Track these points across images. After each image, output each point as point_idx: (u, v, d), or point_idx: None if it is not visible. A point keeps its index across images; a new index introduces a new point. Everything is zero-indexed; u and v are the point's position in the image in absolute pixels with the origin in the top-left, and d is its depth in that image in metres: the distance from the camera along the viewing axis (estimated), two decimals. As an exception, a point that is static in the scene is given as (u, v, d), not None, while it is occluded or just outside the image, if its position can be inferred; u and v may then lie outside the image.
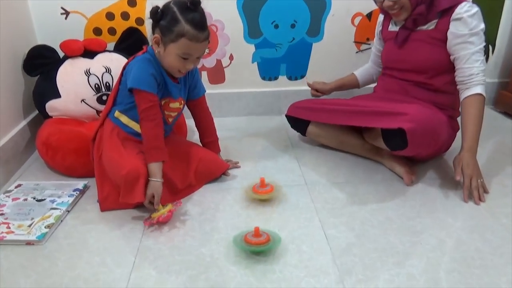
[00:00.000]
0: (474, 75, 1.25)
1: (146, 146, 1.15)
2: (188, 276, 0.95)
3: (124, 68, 1.22)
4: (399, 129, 1.17)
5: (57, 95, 1.45)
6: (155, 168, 1.14)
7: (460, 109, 1.31)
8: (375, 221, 1.14)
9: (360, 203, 1.23)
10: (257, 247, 0.99)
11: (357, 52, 1.85)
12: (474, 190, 1.20)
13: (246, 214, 1.19)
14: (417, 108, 1.22)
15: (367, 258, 1.00)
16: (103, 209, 1.20)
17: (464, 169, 1.20)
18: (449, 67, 1.31)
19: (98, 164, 1.23)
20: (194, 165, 1.30)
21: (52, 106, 1.46)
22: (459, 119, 1.39)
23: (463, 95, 1.28)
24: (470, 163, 1.20)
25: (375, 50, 1.58)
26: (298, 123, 1.58)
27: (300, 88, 1.85)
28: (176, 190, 1.24)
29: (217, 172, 1.35)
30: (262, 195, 1.22)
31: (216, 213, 1.19)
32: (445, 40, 1.28)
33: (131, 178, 1.12)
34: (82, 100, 1.46)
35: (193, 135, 1.58)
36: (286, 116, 1.60)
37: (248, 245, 1.00)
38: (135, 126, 1.22)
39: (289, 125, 1.62)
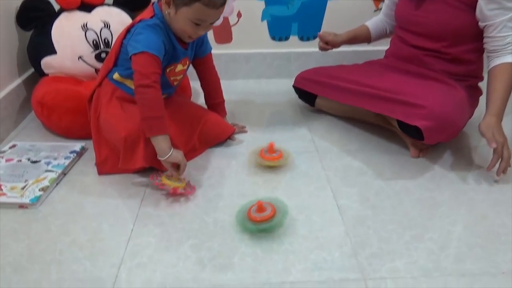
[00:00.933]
0: (510, 43, 1.12)
1: (151, 115, 1.01)
2: (190, 245, 0.89)
3: (127, 30, 1.10)
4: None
5: (52, 51, 1.35)
6: (163, 140, 1.02)
7: (487, 77, 1.18)
8: (391, 192, 1.06)
9: (375, 172, 1.15)
10: (261, 225, 0.91)
11: (375, 11, 1.71)
12: (504, 161, 1.08)
13: (252, 181, 1.11)
14: (435, 98, 1.11)
15: (383, 230, 0.93)
16: (101, 173, 1.13)
17: (496, 136, 1.08)
18: (472, 35, 1.17)
19: (95, 126, 1.15)
20: (198, 128, 1.22)
21: (48, 63, 1.37)
22: (481, 84, 1.27)
23: (494, 63, 1.14)
24: (500, 130, 1.10)
25: (389, 2, 1.41)
26: (305, 94, 1.49)
27: (313, 50, 1.72)
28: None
29: (222, 136, 1.27)
30: (269, 161, 1.14)
31: (220, 179, 1.12)
32: (472, 4, 1.13)
33: (130, 141, 1.05)
34: (79, 57, 1.36)
35: (198, 98, 1.50)
36: (293, 86, 1.50)
37: (252, 223, 0.91)
38: None
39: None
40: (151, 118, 1.01)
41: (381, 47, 1.50)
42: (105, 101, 1.14)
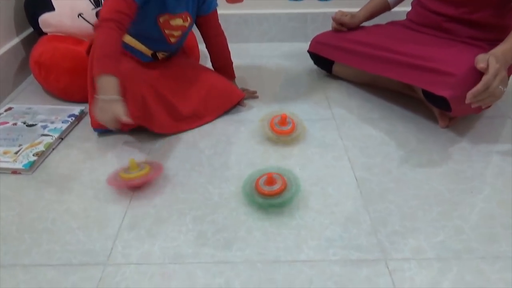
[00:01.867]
0: None
1: (100, 53, 0.90)
2: (192, 216, 0.82)
3: None
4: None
5: (50, 7, 1.26)
6: (109, 82, 0.88)
7: None
8: (416, 164, 0.96)
9: (397, 142, 1.04)
10: (271, 200, 0.82)
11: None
12: (487, 93, 0.89)
13: (263, 149, 1.02)
14: (466, 64, 0.96)
15: (406, 206, 0.84)
16: (95, 126, 1.07)
17: (491, 61, 0.90)
18: None
19: (91, 75, 1.07)
20: (204, 91, 1.12)
21: (46, 20, 1.27)
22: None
23: None
24: (499, 59, 0.91)
25: None
26: (322, 60, 1.37)
27: (331, 10, 1.58)
28: (180, 117, 1.07)
29: (230, 101, 1.17)
30: (279, 135, 1.03)
31: (227, 146, 1.03)
32: None
33: None
34: (79, 15, 1.27)
35: (207, 62, 1.39)
36: (309, 52, 1.39)
37: (261, 197, 0.83)
38: (132, 42, 1.06)
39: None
40: (99, 58, 0.89)
41: (403, 8, 1.36)
42: None
